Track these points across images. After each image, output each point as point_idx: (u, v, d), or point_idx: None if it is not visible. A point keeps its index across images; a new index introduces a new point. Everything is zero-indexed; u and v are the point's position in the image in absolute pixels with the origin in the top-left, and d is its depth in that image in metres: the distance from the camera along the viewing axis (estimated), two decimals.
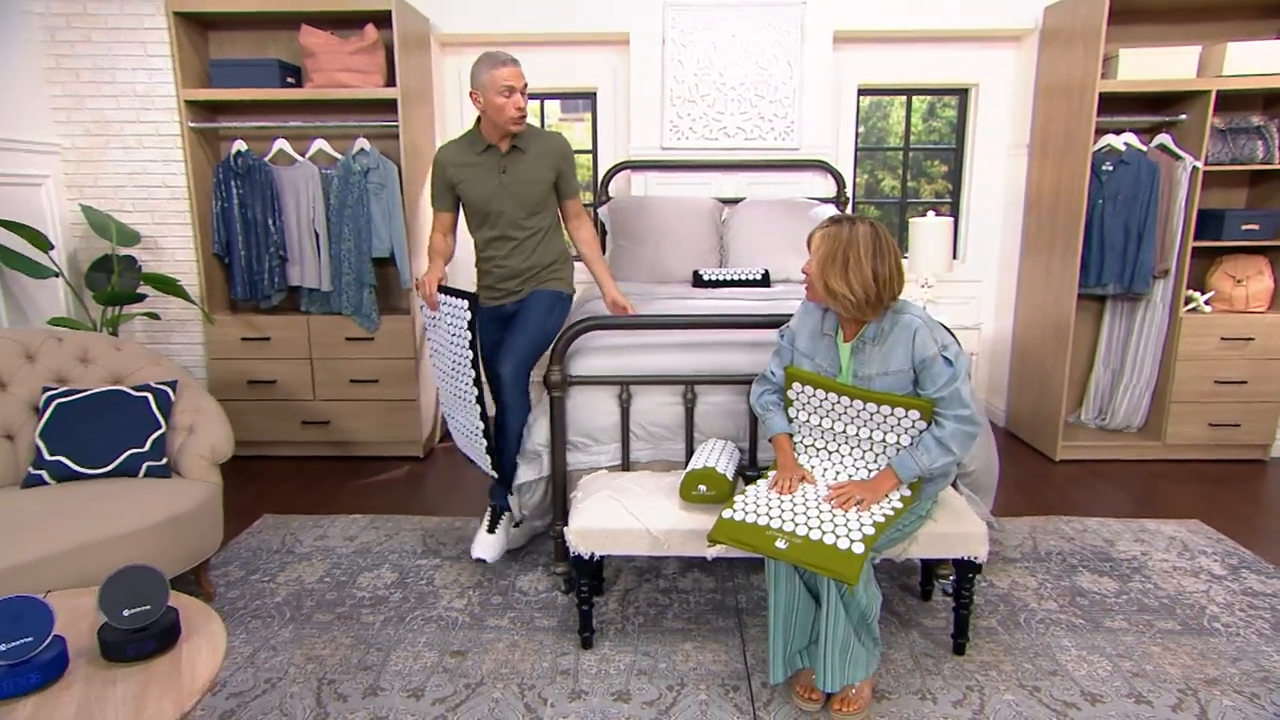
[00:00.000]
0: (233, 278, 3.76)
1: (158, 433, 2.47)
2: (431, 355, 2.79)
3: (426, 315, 2.70)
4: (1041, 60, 3.94)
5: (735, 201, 4.03)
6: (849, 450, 2.07)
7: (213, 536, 2.44)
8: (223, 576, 2.68)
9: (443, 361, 2.68)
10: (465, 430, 2.70)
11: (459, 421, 2.73)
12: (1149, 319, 3.75)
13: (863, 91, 4.32)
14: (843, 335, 2.03)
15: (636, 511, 2.17)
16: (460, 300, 2.49)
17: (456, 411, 2.72)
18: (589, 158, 4.43)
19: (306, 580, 2.66)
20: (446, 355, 2.63)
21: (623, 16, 3.98)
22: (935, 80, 4.25)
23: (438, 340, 2.68)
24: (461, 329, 2.48)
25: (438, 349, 2.70)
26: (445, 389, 2.75)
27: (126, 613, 1.48)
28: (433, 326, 2.69)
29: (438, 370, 2.76)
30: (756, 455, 2.51)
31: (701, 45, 4.02)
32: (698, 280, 3.62)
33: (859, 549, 1.79)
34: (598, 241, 2.98)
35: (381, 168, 3.65)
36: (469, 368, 2.49)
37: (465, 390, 2.56)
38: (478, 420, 2.55)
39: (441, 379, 2.75)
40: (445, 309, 2.56)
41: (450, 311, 2.54)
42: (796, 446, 2.15)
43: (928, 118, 5.14)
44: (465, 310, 2.46)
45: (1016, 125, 4.18)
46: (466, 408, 2.60)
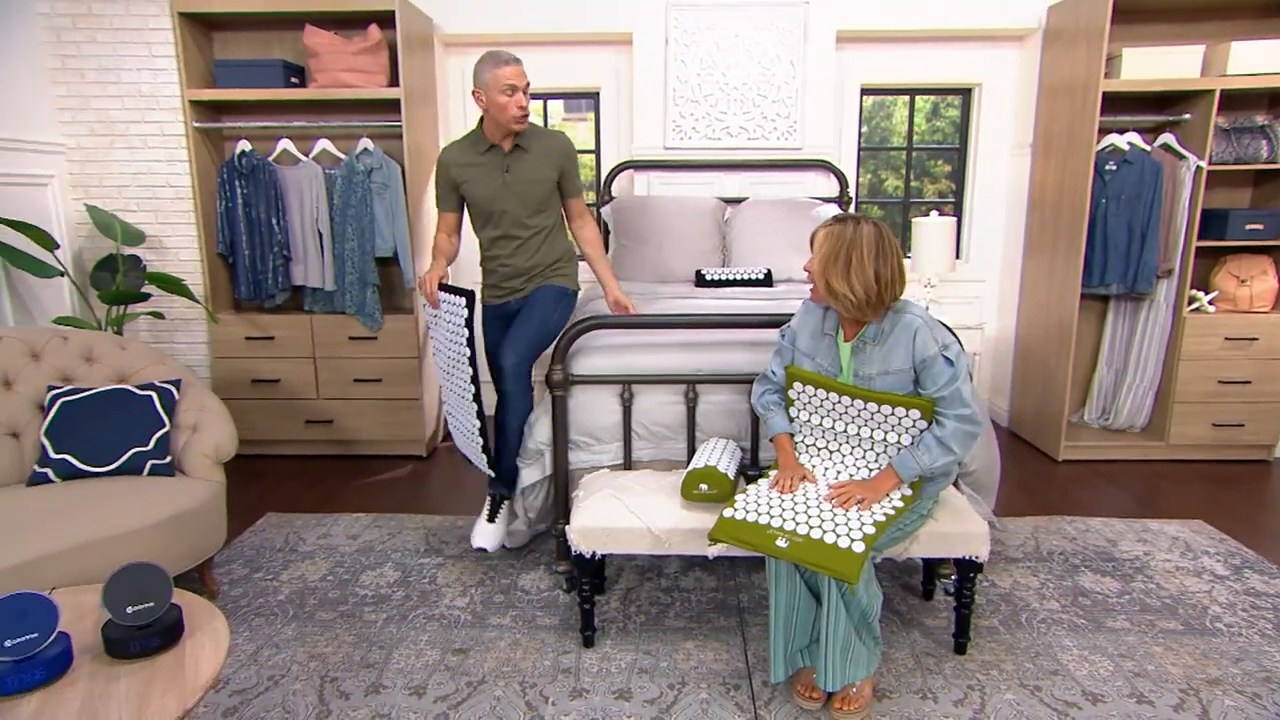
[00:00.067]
0: (237, 277, 3.78)
1: (162, 431, 2.49)
2: (434, 354, 2.80)
3: (429, 314, 2.72)
4: (1045, 60, 3.94)
5: (738, 201, 4.03)
6: (850, 450, 2.07)
7: (216, 535, 2.45)
8: (226, 574, 2.69)
9: (443, 360, 2.70)
10: (462, 429, 2.71)
11: (458, 419, 2.74)
12: (1152, 319, 3.74)
13: (866, 91, 4.32)
14: (843, 335, 2.03)
15: (638, 510, 2.17)
16: (458, 298, 2.50)
17: (455, 409, 2.73)
18: (592, 157, 4.44)
19: (309, 578, 2.67)
20: (446, 353, 2.65)
21: (625, 16, 3.99)
22: (938, 80, 4.24)
23: (439, 339, 2.69)
24: (459, 326, 2.50)
25: (439, 348, 2.71)
26: (446, 387, 2.76)
27: (130, 609, 1.49)
28: (434, 325, 2.70)
29: (439, 369, 2.77)
30: (758, 454, 2.51)
31: (704, 45, 4.02)
32: (700, 280, 3.62)
33: (859, 548, 1.79)
34: (601, 241, 2.99)
35: (385, 168, 3.66)
36: (466, 365, 2.50)
37: (463, 388, 2.57)
38: (474, 419, 2.56)
39: (443, 377, 2.76)
40: (445, 307, 2.58)
41: (449, 309, 2.55)
42: (797, 446, 2.15)
43: (931, 117, 5.14)
44: (463, 308, 2.48)
45: (1020, 125, 4.18)
46: (464, 405, 2.61)
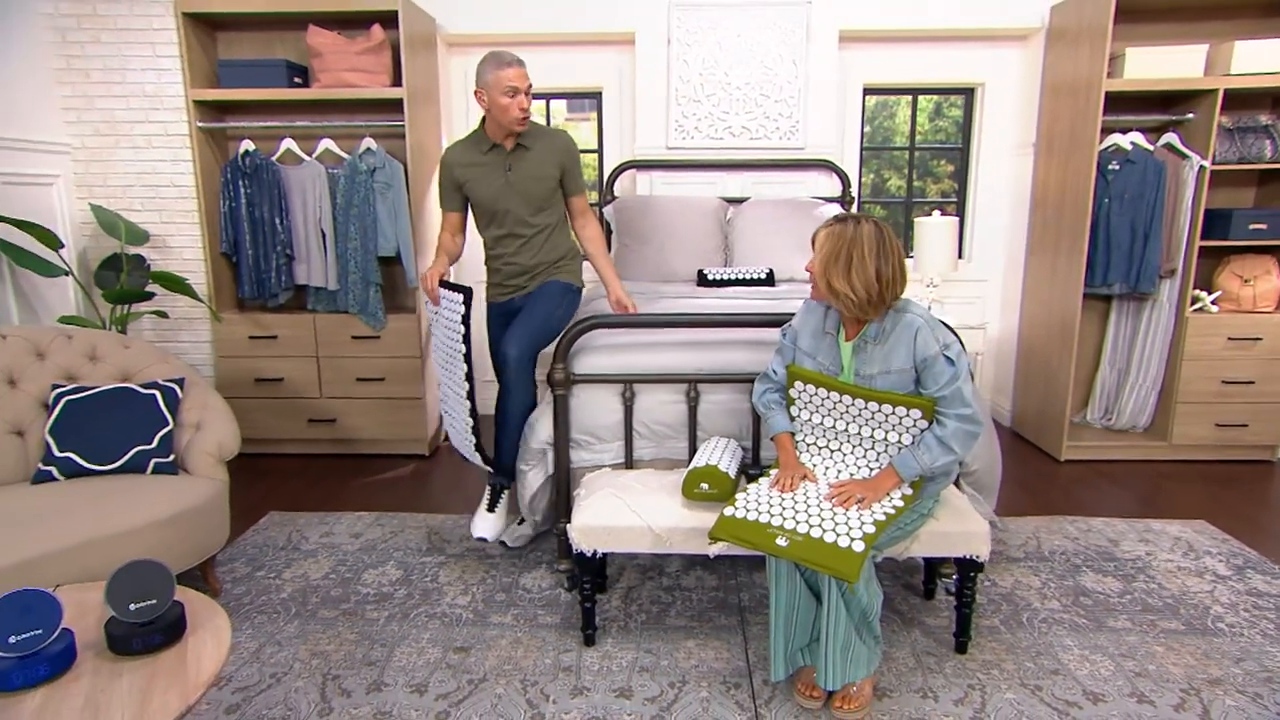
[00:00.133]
0: (240, 276, 3.79)
1: (165, 430, 2.50)
2: (434, 351, 2.81)
3: (430, 310, 2.74)
4: (1047, 59, 3.93)
5: (740, 201, 4.04)
6: (851, 449, 2.07)
7: (219, 533, 2.46)
8: (229, 573, 2.70)
9: (441, 356, 2.72)
10: (456, 424, 2.72)
11: (452, 415, 2.75)
12: (1155, 319, 3.73)
13: (868, 91, 4.31)
14: (845, 334, 2.04)
15: (639, 509, 2.17)
16: (457, 295, 2.52)
17: (450, 405, 2.74)
18: (594, 157, 4.44)
19: (312, 577, 2.68)
20: (444, 350, 2.67)
21: (628, 16, 3.99)
22: (941, 80, 4.24)
23: (438, 335, 2.72)
24: (456, 322, 2.52)
25: (438, 345, 2.73)
26: (442, 383, 2.78)
27: (133, 606, 1.50)
28: (435, 321, 2.72)
29: (438, 365, 2.79)
30: (759, 453, 2.51)
31: (707, 45, 4.03)
32: (702, 279, 3.62)
33: (859, 547, 1.80)
34: (603, 239, 2.99)
35: (388, 167, 3.67)
36: (461, 361, 2.52)
37: (457, 384, 2.59)
38: (467, 416, 2.58)
39: (440, 373, 2.78)
40: (445, 303, 2.60)
41: (449, 305, 2.58)
42: (798, 445, 2.16)
43: (934, 117, 5.14)
44: (460, 304, 2.50)
45: (1022, 124, 4.17)
46: (458, 402, 2.63)
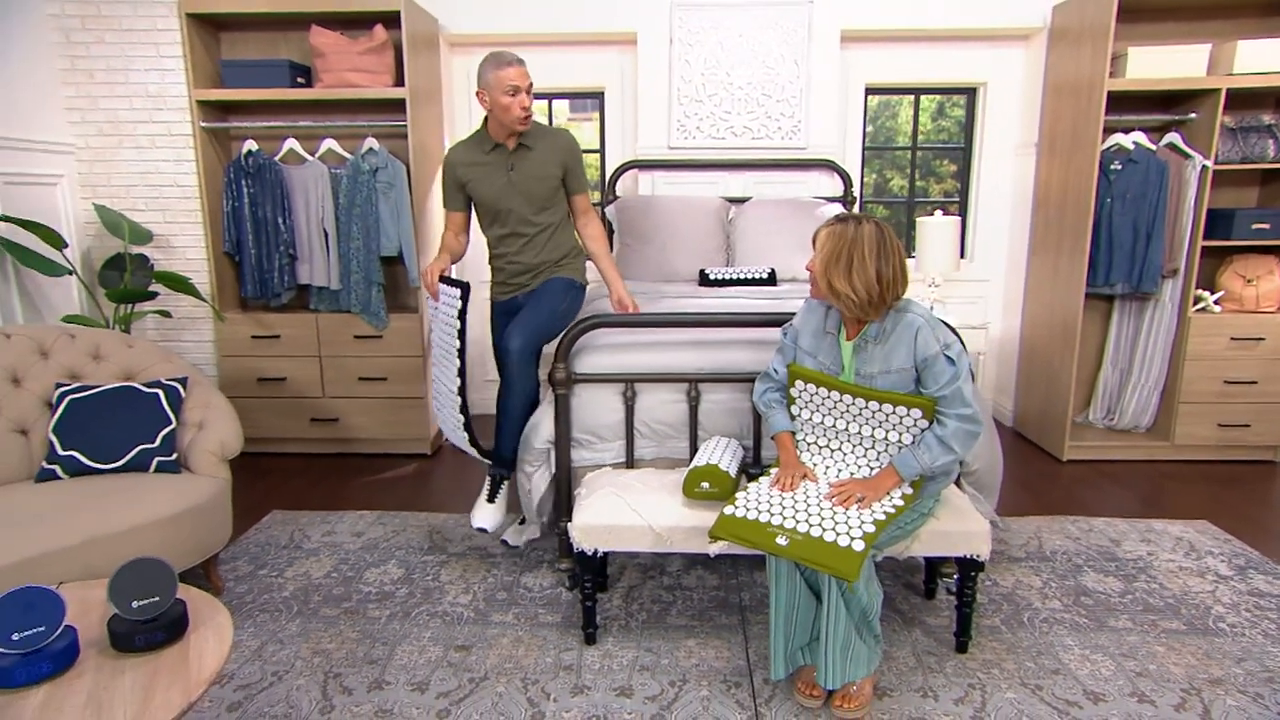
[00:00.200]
0: (243, 276, 3.80)
1: (168, 429, 2.51)
2: (432, 346, 2.81)
3: (430, 307, 2.75)
4: (1050, 59, 3.93)
5: (742, 201, 4.04)
6: (851, 448, 2.07)
7: (222, 531, 2.47)
8: (232, 571, 2.71)
9: (438, 352, 2.72)
10: (449, 420, 2.73)
11: (443, 409, 2.75)
12: (1158, 318, 3.73)
13: (870, 91, 4.31)
14: (845, 333, 2.04)
15: (640, 508, 2.18)
16: (454, 289, 2.54)
17: (442, 399, 2.75)
18: (597, 157, 4.45)
19: (314, 575, 2.69)
20: (440, 345, 2.68)
21: (630, 16, 4.00)
22: (943, 79, 4.24)
23: (436, 330, 2.72)
24: (453, 316, 2.53)
25: (435, 340, 2.74)
26: (436, 378, 2.78)
27: (135, 604, 1.51)
28: (434, 317, 2.73)
29: (434, 360, 2.79)
30: (760, 453, 2.51)
31: (708, 45, 4.03)
32: (704, 279, 3.63)
33: (859, 546, 1.80)
34: (605, 238, 2.99)
35: (390, 167, 3.68)
36: (454, 356, 2.53)
37: (449, 378, 2.59)
38: (458, 412, 2.59)
39: (434, 369, 2.78)
40: (443, 298, 2.62)
41: (446, 300, 2.59)
42: (799, 444, 2.16)
43: (937, 117, 5.13)
44: (457, 298, 2.52)
45: (1025, 124, 4.17)
46: (449, 396, 2.63)
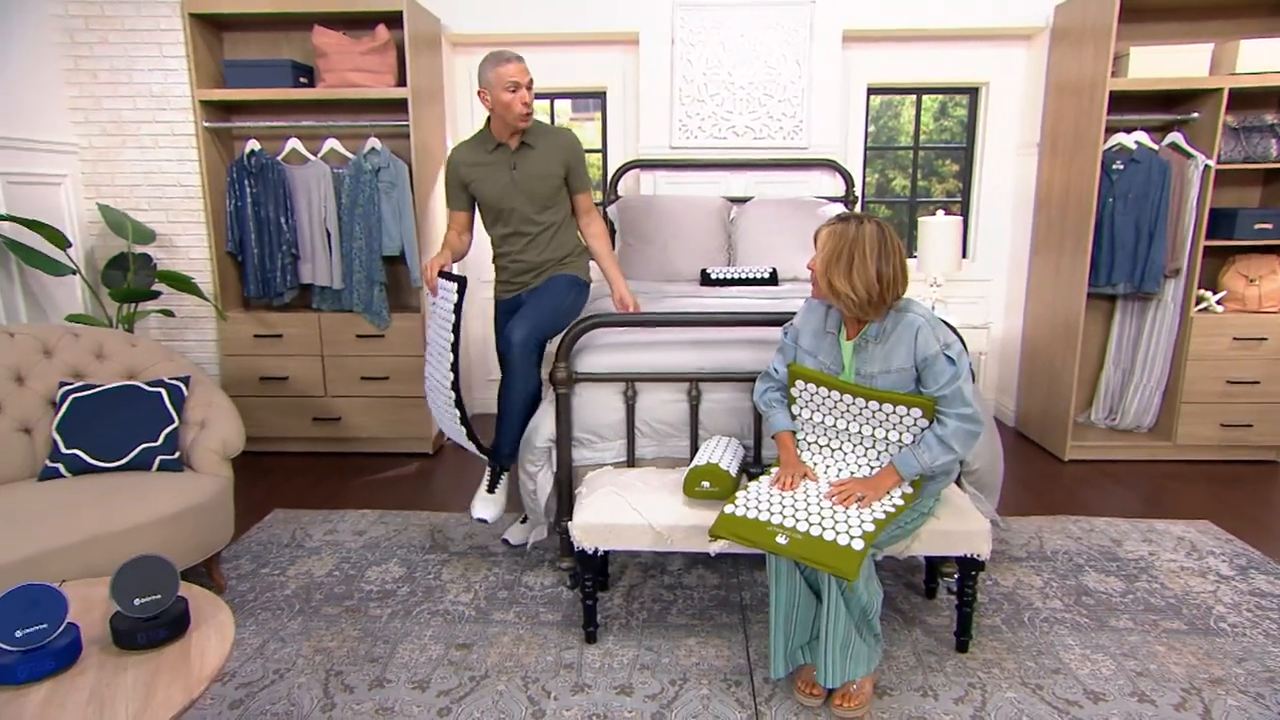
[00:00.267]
0: (246, 275, 3.82)
1: (170, 427, 2.52)
2: (428, 342, 2.80)
3: (430, 303, 2.75)
4: (1052, 59, 3.92)
5: (743, 200, 4.04)
6: (851, 447, 2.08)
7: (224, 530, 2.48)
8: (234, 569, 2.72)
9: (433, 346, 2.71)
10: (444, 417, 2.72)
11: (437, 404, 2.74)
12: (1160, 318, 3.72)
13: (872, 91, 4.31)
14: (846, 333, 2.04)
15: (640, 507, 2.18)
16: (451, 283, 2.54)
17: (435, 395, 2.74)
18: (599, 157, 4.45)
19: (316, 574, 2.69)
20: (436, 340, 2.67)
21: (632, 16, 4.00)
22: (945, 79, 4.24)
23: (433, 325, 2.72)
24: (449, 310, 2.53)
25: (432, 335, 2.73)
26: (430, 373, 2.77)
27: (138, 601, 1.52)
28: (432, 312, 2.73)
29: (428, 355, 2.77)
30: (761, 452, 2.51)
31: (710, 45, 4.03)
32: (705, 279, 3.63)
33: (859, 545, 1.80)
34: (608, 237, 2.99)
35: (392, 167, 3.69)
36: (448, 350, 2.53)
37: (443, 373, 2.58)
38: (452, 406, 2.58)
39: (428, 365, 2.78)
40: (441, 292, 2.62)
41: (444, 293, 2.59)
42: (799, 443, 2.16)
43: (939, 117, 5.12)
44: (454, 292, 2.52)
45: (1027, 124, 4.17)
46: (443, 391, 2.62)
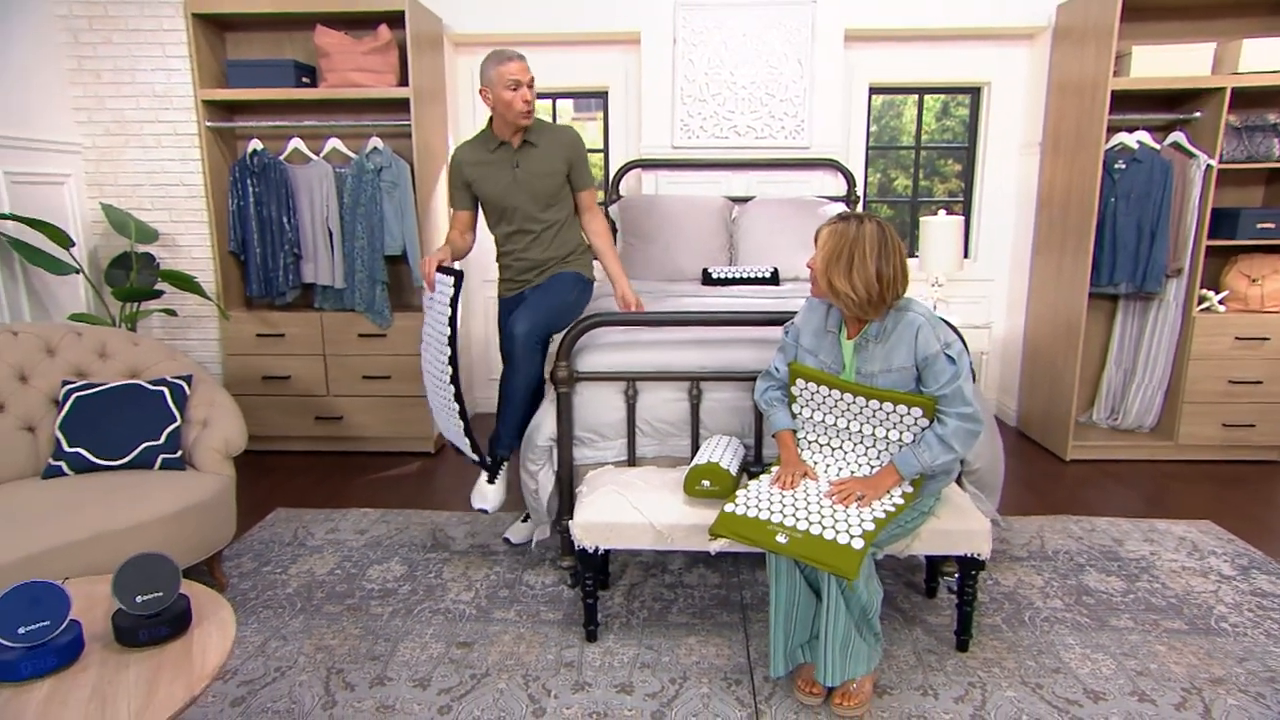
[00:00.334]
0: (248, 275, 3.83)
1: (173, 426, 2.52)
2: (424, 338, 2.79)
3: (426, 299, 2.74)
4: (1054, 58, 3.92)
5: (745, 200, 4.04)
6: (852, 446, 2.08)
7: (226, 528, 2.48)
8: (236, 568, 2.73)
9: (429, 344, 2.70)
10: (442, 414, 2.71)
11: (436, 402, 2.74)
12: (1162, 318, 3.72)
13: (874, 90, 4.31)
14: (846, 332, 2.04)
15: (641, 506, 2.19)
16: (448, 276, 2.54)
17: (434, 394, 2.73)
18: (600, 157, 4.46)
19: (317, 572, 2.70)
20: (433, 336, 2.66)
21: (634, 16, 4.00)
22: (947, 79, 4.24)
23: (429, 321, 2.71)
24: (445, 304, 2.53)
25: (428, 332, 2.72)
26: (427, 371, 2.76)
27: (139, 599, 1.52)
28: (429, 308, 2.72)
29: (425, 352, 2.76)
30: (761, 451, 2.52)
31: (712, 44, 4.03)
32: (707, 278, 3.63)
33: (858, 544, 1.80)
34: (610, 235, 2.99)
35: (394, 166, 3.70)
36: (445, 344, 2.53)
37: (440, 366, 2.58)
38: (451, 400, 2.57)
39: (425, 363, 2.77)
40: (439, 286, 2.61)
41: (441, 288, 2.59)
42: (800, 442, 2.16)
43: (941, 116, 5.12)
44: (450, 286, 2.51)
45: (1029, 123, 4.16)
46: (442, 387, 2.62)
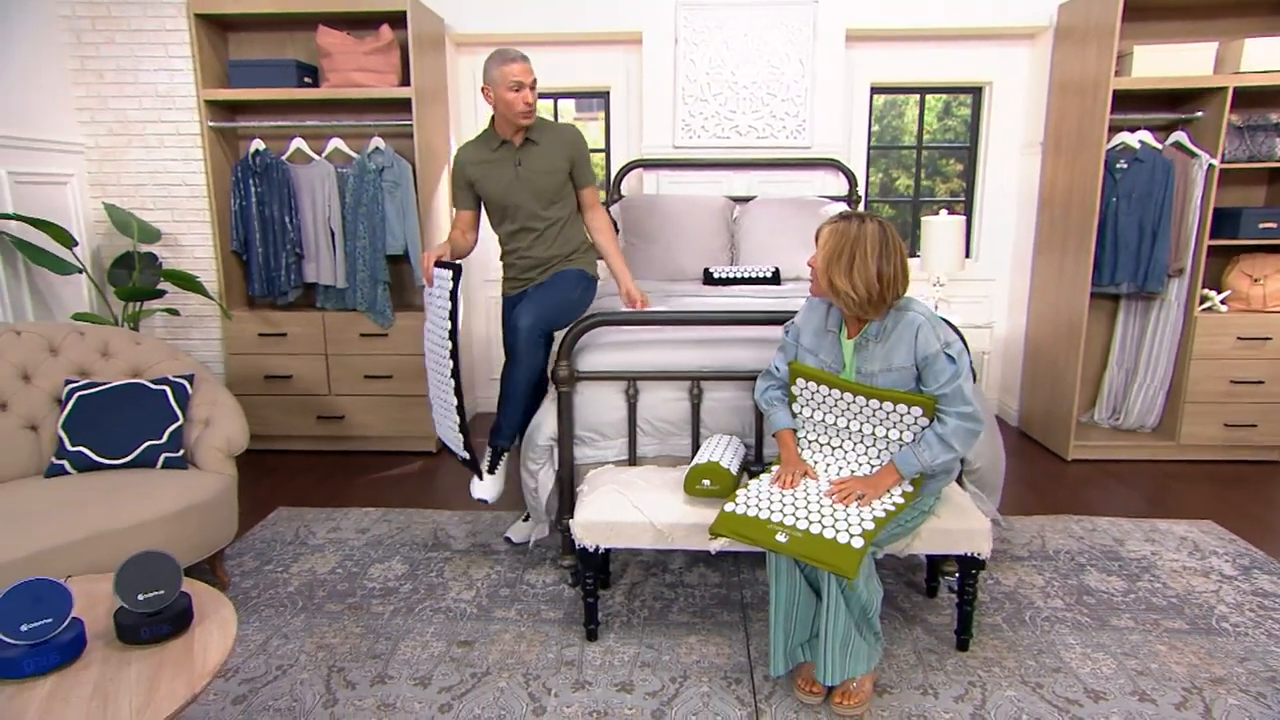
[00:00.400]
0: (250, 274, 3.83)
1: (175, 425, 2.53)
2: (426, 335, 2.78)
3: (427, 294, 2.74)
4: (1055, 58, 3.92)
5: (747, 200, 4.04)
6: (852, 446, 2.08)
7: (228, 527, 2.49)
8: (238, 566, 2.73)
9: (430, 340, 2.70)
10: (440, 412, 2.71)
11: (436, 401, 2.74)
12: (1163, 318, 3.71)
13: (876, 90, 4.31)
14: (846, 331, 2.04)
15: (641, 505, 2.19)
16: (446, 270, 2.54)
17: (435, 392, 2.73)
18: (602, 156, 4.46)
19: (319, 571, 2.71)
20: (433, 333, 2.66)
21: (635, 16, 4.01)
22: (949, 79, 4.23)
23: (429, 318, 2.71)
24: (444, 297, 2.53)
25: (429, 329, 2.72)
26: (429, 367, 2.76)
27: (141, 597, 1.53)
28: (429, 304, 2.72)
29: (427, 349, 2.76)
30: (762, 451, 2.52)
31: (713, 44, 4.04)
32: (708, 278, 3.63)
33: (858, 543, 1.81)
34: (613, 232, 2.99)
35: (396, 166, 3.70)
36: (446, 338, 2.53)
37: (442, 362, 2.58)
38: (451, 395, 2.57)
39: (428, 358, 2.77)
40: (437, 281, 2.61)
41: (438, 282, 2.59)
42: (800, 442, 2.16)
43: (943, 116, 5.11)
44: (449, 280, 2.51)
45: (1030, 123, 4.16)
46: (442, 380, 2.62)
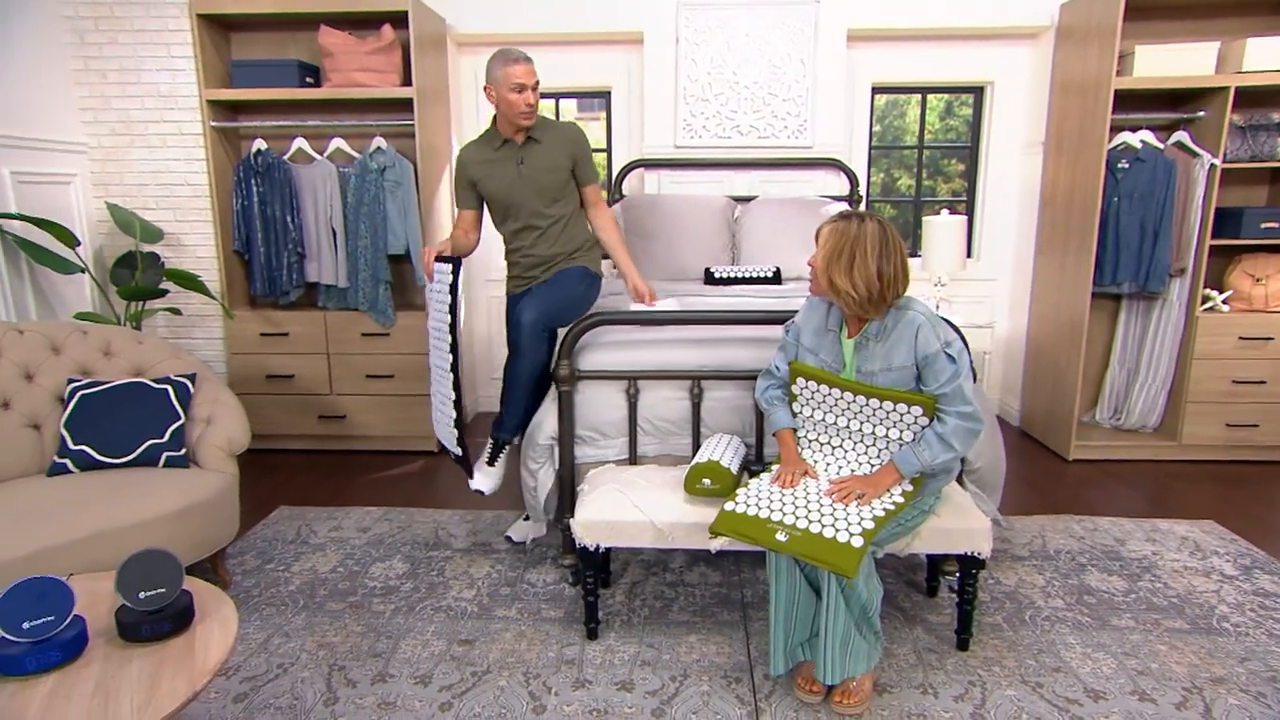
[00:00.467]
0: (252, 274, 3.84)
1: (177, 424, 2.54)
2: (429, 332, 2.80)
3: (428, 290, 2.74)
4: (1057, 57, 3.92)
5: (748, 200, 4.04)
6: (852, 445, 2.08)
7: (229, 526, 2.50)
8: (239, 565, 2.74)
9: (433, 333, 2.70)
10: (438, 408, 2.71)
11: (436, 396, 2.74)
12: (1165, 318, 3.71)
13: (877, 90, 4.31)
14: (847, 331, 2.04)
15: (641, 504, 2.19)
16: (446, 264, 2.54)
17: (435, 387, 2.73)
18: (603, 156, 4.47)
19: (320, 570, 2.71)
20: (434, 328, 2.66)
21: (636, 16, 4.01)
22: (950, 78, 4.23)
23: (431, 313, 2.71)
24: (444, 291, 2.53)
25: (431, 323, 2.72)
26: (431, 365, 2.76)
27: (142, 595, 1.54)
28: (430, 299, 2.72)
29: (431, 347, 2.77)
30: (762, 450, 2.52)
31: (715, 44, 4.04)
32: (710, 278, 3.63)
33: (858, 543, 1.81)
34: (617, 228, 3.00)
35: (397, 166, 3.71)
36: (447, 331, 2.53)
37: (442, 355, 2.58)
38: (450, 389, 2.57)
39: (430, 353, 2.77)
40: (437, 276, 2.61)
41: (438, 276, 2.59)
42: (800, 441, 2.17)
43: (945, 116, 5.11)
44: (449, 273, 2.51)
45: (1032, 123, 4.16)
46: (442, 375, 2.62)
